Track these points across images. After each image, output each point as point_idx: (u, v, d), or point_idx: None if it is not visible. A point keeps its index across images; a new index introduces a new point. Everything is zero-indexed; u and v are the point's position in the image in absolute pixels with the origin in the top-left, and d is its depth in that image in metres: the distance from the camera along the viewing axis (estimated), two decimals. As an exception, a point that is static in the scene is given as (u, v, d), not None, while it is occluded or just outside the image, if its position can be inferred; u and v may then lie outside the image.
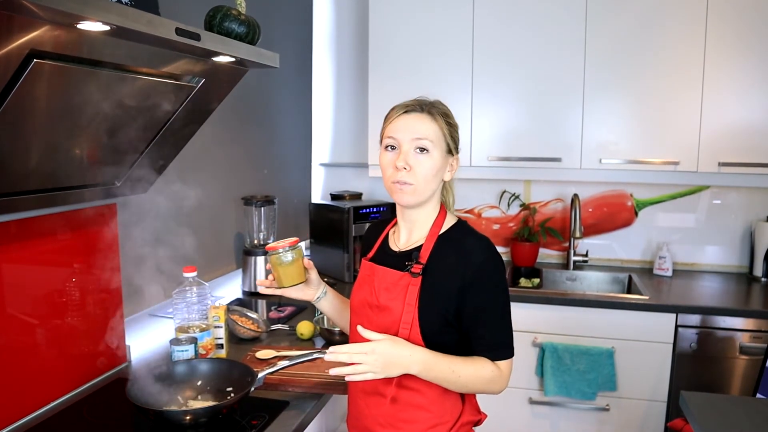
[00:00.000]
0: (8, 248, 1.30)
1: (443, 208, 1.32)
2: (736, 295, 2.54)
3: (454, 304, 1.21)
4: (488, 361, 1.22)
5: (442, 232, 1.28)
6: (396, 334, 1.21)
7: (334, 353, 1.15)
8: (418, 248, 1.27)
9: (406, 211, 1.30)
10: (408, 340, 1.20)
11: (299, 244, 1.34)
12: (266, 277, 1.39)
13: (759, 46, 2.40)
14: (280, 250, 1.31)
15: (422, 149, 1.22)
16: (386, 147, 1.26)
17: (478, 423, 1.34)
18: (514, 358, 1.25)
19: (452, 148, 1.27)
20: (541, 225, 2.97)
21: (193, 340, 1.56)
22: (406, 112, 1.26)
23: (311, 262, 1.39)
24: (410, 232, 1.31)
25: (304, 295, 1.40)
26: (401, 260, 1.27)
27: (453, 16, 2.67)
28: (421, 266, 1.23)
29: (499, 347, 1.23)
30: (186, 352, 1.53)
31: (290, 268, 1.32)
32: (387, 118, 1.29)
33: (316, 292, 1.41)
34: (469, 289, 1.20)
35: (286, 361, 1.47)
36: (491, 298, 1.22)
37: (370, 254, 1.38)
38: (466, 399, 1.30)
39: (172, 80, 1.35)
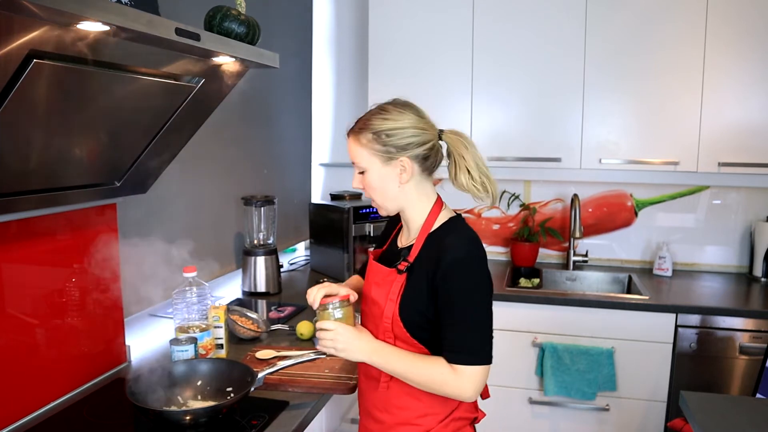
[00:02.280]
0: (8, 248, 1.30)
1: (438, 204, 1.32)
2: (735, 295, 2.54)
3: (433, 303, 1.23)
4: (442, 363, 1.20)
5: (433, 229, 1.28)
6: (382, 327, 1.27)
7: (318, 326, 1.26)
8: (410, 247, 1.30)
9: (400, 212, 1.34)
10: (392, 332, 1.26)
11: (350, 299, 1.29)
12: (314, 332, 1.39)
13: (759, 46, 2.40)
14: (329, 305, 1.26)
15: (360, 171, 1.28)
16: None
17: (474, 420, 1.35)
18: (515, 360, 1.24)
19: (392, 153, 1.23)
20: (541, 225, 2.97)
21: (193, 340, 1.56)
22: (346, 135, 1.31)
23: (355, 296, 1.33)
24: (409, 231, 1.34)
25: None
26: (399, 255, 1.31)
27: (453, 17, 2.67)
28: (406, 264, 1.26)
29: (461, 351, 1.19)
30: (186, 352, 1.53)
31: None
32: None
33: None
34: (438, 289, 1.21)
35: (285, 361, 1.47)
36: (457, 300, 1.20)
37: (382, 249, 1.43)
38: None
39: (171, 80, 1.35)
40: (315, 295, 1.28)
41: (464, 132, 1.31)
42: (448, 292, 1.20)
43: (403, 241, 1.36)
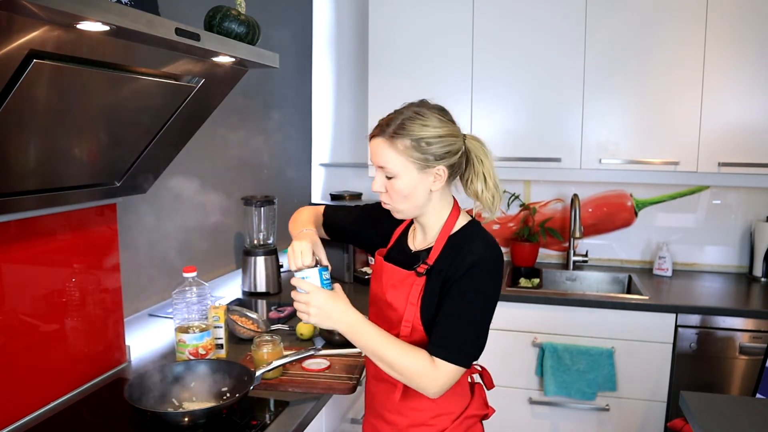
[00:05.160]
0: (8, 248, 1.30)
1: (456, 208, 1.31)
2: (735, 295, 2.54)
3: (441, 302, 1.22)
4: (425, 354, 1.17)
5: (453, 232, 1.27)
6: (399, 331, 1.24)
7: (293, 282, 1.22)
8: (429, 249, 1.28)
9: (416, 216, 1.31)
10: (410, 338, 1.24)
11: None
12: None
13: (759, 47, 2.40)
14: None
15: (389, 177, 1.22)
16: None
17: (485, 417, 1.37)
18: (515, 360, 1.25)
19: (429, 162, 1.20)
20: (541, 225, 2.97)
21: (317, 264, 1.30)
22: (372, 136, 1.23)
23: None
24: (425, 234, 1.32)
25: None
26: (414, 258, 1.29)
27: (453, 17, 2.67)
28: (426, 266, 1.24)
29: (447, 344, 1.17)
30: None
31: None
32: None
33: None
34: (452, 287, 1.20)
35: (280, 360, 1.47)
36: (459, 298, 1.19)
37: (386, 248, 1.40)
38: (476, 393, 1.36)
39: (172, 80, 1.35)
40: (301, 259, 1.25)
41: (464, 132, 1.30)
42: (454, 290, 1.19)
43: (416, 244, 1.34)
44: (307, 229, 1.41)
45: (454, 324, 1.18)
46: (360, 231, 1.50)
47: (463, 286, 1.19)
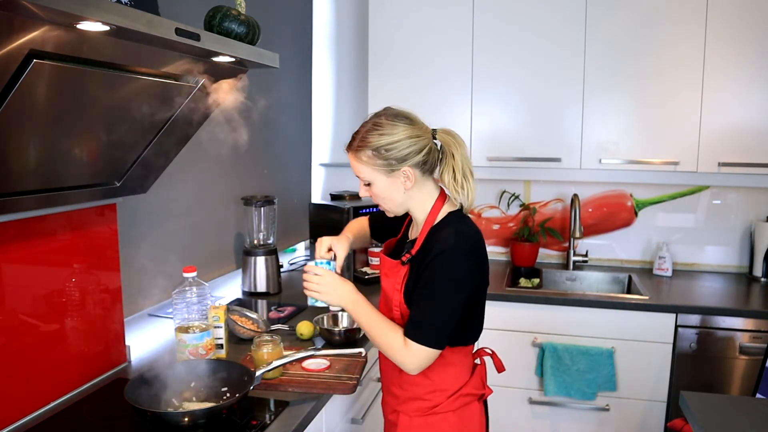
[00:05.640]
0: (8, 248, 1.30)
1: (441, 199, 1.39)
2: (735, 295, 2.54)
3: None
4: (400, 332, 1.31)
5: (435, 223, 1.37)
6: (392, 315, 1.39)
7: (307, 268, 1.40)
8: (415, 240, 1.40)
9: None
10: (401, 320, 1.38)
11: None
12: None
13: (759, 46, 2.40)
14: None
15: (366, 183, 1.37)
16: None
17: (482, 397, 1.47)
18: (515, 360, 1.27)
19: (393, 165, 1.31)
20: (541, 225, 2.97)
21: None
22: (346, 150, 1.39)
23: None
24: (417, 225, 1.44)
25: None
26: (409, 249, 1.42)
27: (453, 17, 2.67)
28: (408, 255, 1.37)
29: (416, 327, 1.29)
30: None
31: None
32: None
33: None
34: (421, 274, 1.31)
35: (280, 360, 1.47)
36: (428, 285, 1.29)
37: (396, 239, 1.55)
38: (476, 373, 1.45)
39: (172, 80, 1.35)
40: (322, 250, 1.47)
41: (458, 133, 1.37)
42: (425, 277, 1.30)
43: (412, 234, 1.47)
44: (342, 235, 1.60)
45: (421, 309, 1.30)
46: (394, 226, 1.61)
47: (429, 273, 1.29)
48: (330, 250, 1.50)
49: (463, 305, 1.31)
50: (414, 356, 1.29)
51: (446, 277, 1.28)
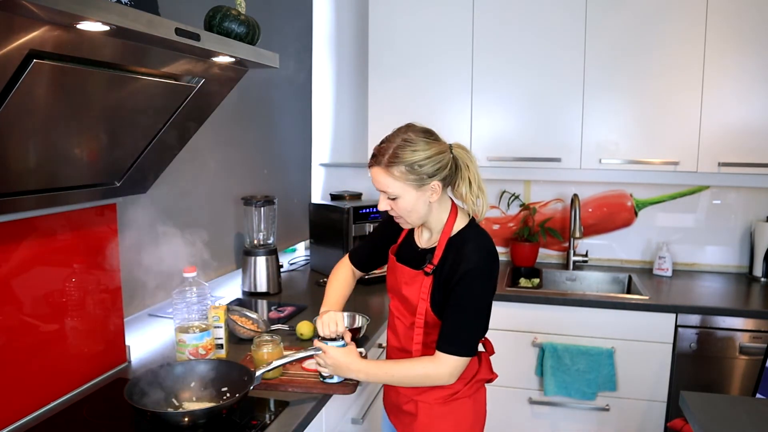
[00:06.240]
0: (8, 248, 1.30)
1: (454, 210, 1.46)
2: (735, 295, 2.54)
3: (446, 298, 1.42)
4: (422, 359, 1.41)
5: (452, 234, 1.43)
6: (414, 320, 1.46)
7: (316, 347, 1.46)
8: (433, 249, 1.45)
9: None
10: (423, 324, 1.44)
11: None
12: None
13: (759, 46, 2.40)
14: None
15: (391, 198, 1.39)
16: None
17: (489, 381, 1.56)
18: (515, 360, 1.29)
19: (424, 180, 1.35)
20: (541, 225, 2.97)
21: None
22: (370, 165, 1.40)
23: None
24: (430, 233, 1.49)
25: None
26: (422, 256, 1.48)
27: (453, 17, 2.67)
28: (432, 266, 1.42)
29: (450, 342, 1.37)
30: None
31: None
32: None
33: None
34: (453, 289, 1.37)
35: (280, 360, 1.47)
36: (459, 302, 1.37)
37: (397, 245, 1.59)
38: (483, 360, 1.53)
39: (172, 80, 1.35)
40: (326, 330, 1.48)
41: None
42: (455, 295, 1.37)
43: (423, 242, 1.51)
44: (335, 310, 1.59)
45: (454, 325, 1.38)
46: (383, 247, 1.65)
47: (459, 291, 1.36)
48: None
49: (488, 313, 1.42)
50: (449, 367, 1.37)
51: (475, 295, 1.37)
